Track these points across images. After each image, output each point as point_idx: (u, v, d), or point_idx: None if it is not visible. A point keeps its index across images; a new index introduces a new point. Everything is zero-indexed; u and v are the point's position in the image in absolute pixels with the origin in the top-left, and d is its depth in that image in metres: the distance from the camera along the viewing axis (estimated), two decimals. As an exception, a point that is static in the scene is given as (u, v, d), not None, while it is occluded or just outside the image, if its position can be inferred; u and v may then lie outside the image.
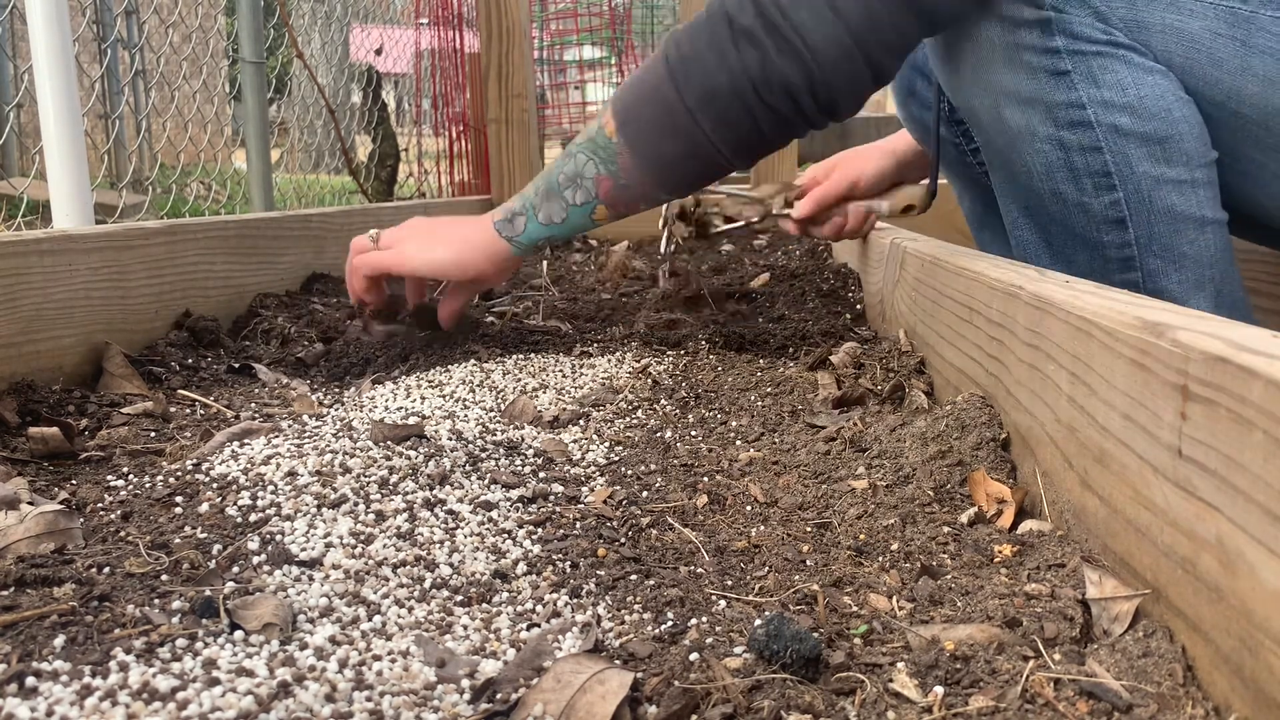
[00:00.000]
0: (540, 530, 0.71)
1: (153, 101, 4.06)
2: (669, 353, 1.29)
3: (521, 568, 0.64)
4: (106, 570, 0.60)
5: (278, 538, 0.65)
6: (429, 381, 1.12)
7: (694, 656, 0.51)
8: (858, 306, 1.56)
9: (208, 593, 0.57)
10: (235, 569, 0.61)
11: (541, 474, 0.83)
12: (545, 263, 2.13)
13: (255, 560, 0.62)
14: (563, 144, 4.99)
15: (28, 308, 1.03)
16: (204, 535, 0.66)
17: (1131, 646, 0.50)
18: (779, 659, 0.49)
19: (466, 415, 0.98)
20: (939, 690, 0.47)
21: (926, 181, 1.41)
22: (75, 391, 1.02)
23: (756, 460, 0.87)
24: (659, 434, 0.97)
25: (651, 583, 0.62)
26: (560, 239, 1.20)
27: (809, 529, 0.72)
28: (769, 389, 1.09)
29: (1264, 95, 0.98)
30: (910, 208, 1.42)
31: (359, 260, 1.21)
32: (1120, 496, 0.56)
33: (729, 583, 0.64)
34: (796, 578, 0.63)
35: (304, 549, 0.64)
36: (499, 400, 1.05)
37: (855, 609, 0.58)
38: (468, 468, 0.81)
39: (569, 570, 0.64)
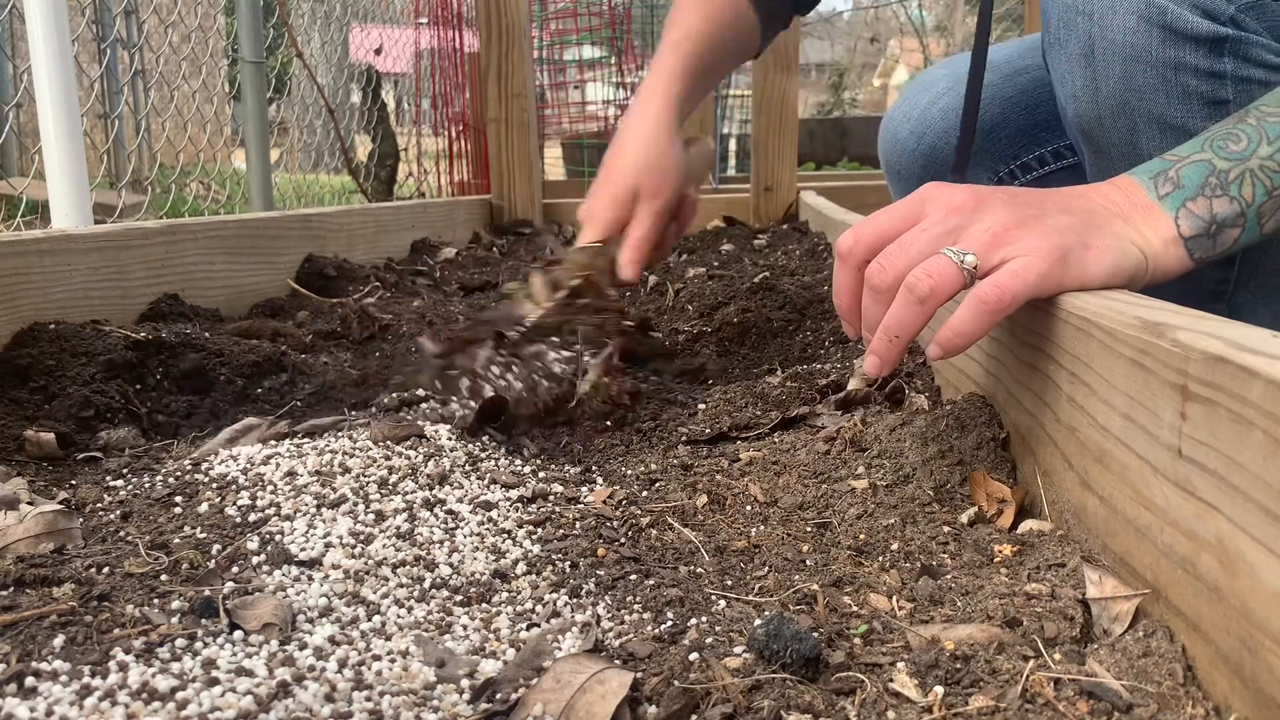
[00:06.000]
0: (540, 530, 0.71)
1: (152, 101, 4.06)
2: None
3: (521, 568, 0.64)
4: (106, 570, 0.60)
5: (277, 538, 0.65)
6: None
7: (694, 656, 0.51)
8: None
9: (207, 593, 0.57)
10: (235, 569, 0.61)
11: (541, 474, 0.83)
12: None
13: (255, 560, 0.62)
14: (563, 144, 4.96)
15: (27, 308, 1.03)
16: (203, 535, 0.66)
17: (1131, 646, 0.50)
18: (779, 659, 0.49)
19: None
20: (939, 690, 0.47)
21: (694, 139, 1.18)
22: (75, 391, 1.02)
23: (756, 460, 0.87)
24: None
25: (651, 583, 0.62)
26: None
27: (809, 529, 0.72)
28: (769, 389, 1.09)
29: None
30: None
31: (1001, 298, 0.65)
32: (1120, 496, 0.56)
33: (729, 583, 0.64)
34: (796, 578, 0.63)
35: (303, 549, 0.64)
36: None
37: (855, 609, 0.58)
38: (467, 468, 0.81)
39: (569, 570, 0.64)
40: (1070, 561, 0.59)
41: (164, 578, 0.59)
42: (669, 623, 0.57)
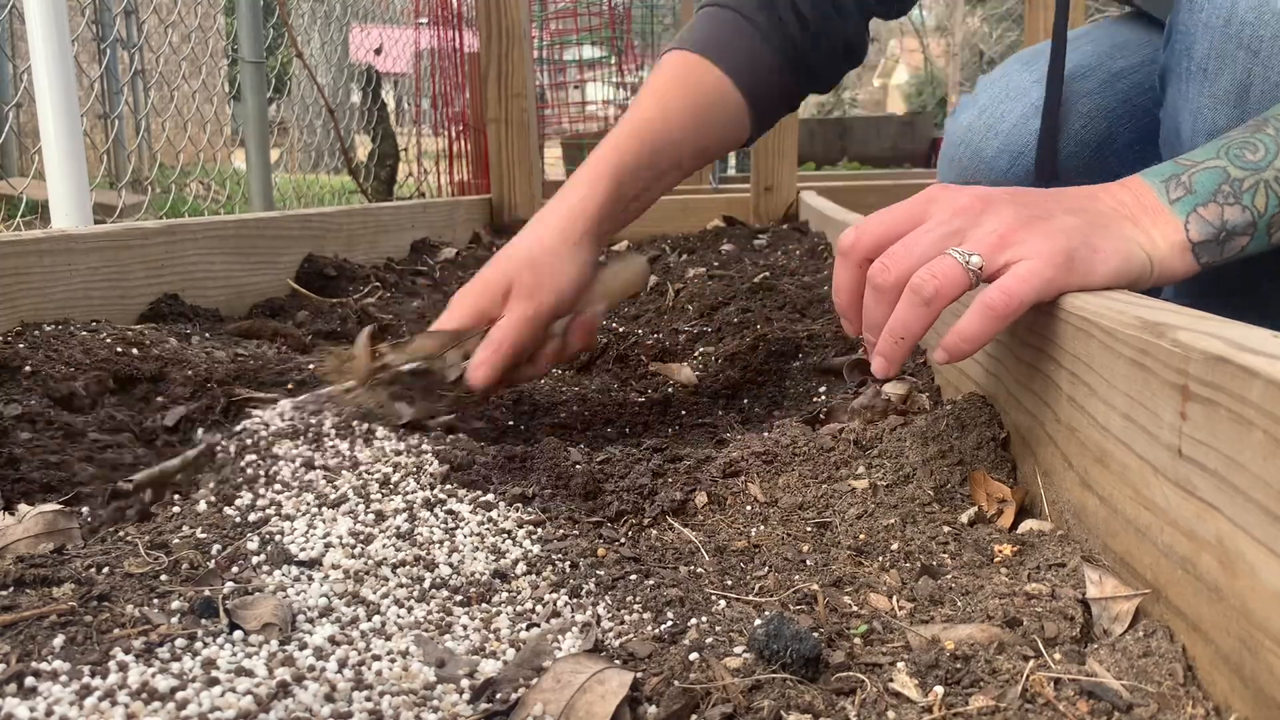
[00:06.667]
0: (540, 530, 0.70)
1: (152, 101, 4.06)
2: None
3: (521, 567, 0.64)
4: (105, 570, 0.60)
5: (277, 537, 0.65)
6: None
7: (694, 656, 0.51)
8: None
9: (207, 593, 0.57)
10: (235, 569, 0.61)
11: (541, 474, 0.83)
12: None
13: (255, 560, 0.62)
14: (563, 144, 4.96)
15: (27, 308, 1.03)
16: (203, 535, 0.66)
17: (1132, 646, 0.50)
18: (779, 659, 0.49)
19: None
20: (939, 690, 0.47)
21: (629, 250, 0.98)
22: (75, 391, 1.02)
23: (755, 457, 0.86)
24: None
25: (651, 582, 0.62)
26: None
27: (809, 529, 0.72)
28: (772, 389, 1.09)
29: None
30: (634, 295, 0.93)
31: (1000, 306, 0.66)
32: (1120, 496, 0.56)
33: (729, 583, 0.64)
34: (796, 577, 0.63)
35: (303, 549, 0.64)
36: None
37: (855, 609, 0.58)
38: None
39: (569, 570, 0.64)
40: (1070, 561, 0.59)
41: (164, 578, 0.59)
42: (669, 623, 0.57)
